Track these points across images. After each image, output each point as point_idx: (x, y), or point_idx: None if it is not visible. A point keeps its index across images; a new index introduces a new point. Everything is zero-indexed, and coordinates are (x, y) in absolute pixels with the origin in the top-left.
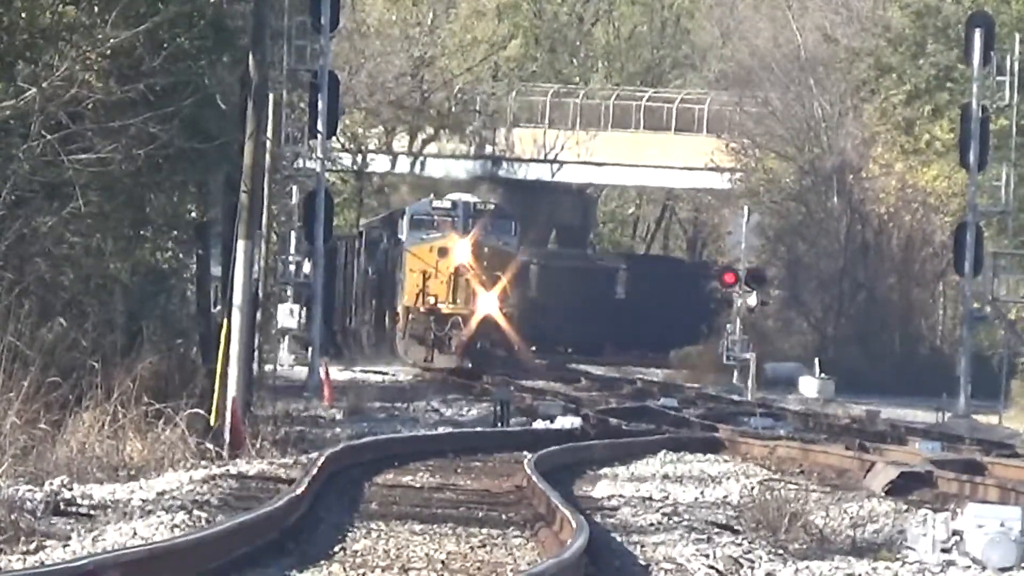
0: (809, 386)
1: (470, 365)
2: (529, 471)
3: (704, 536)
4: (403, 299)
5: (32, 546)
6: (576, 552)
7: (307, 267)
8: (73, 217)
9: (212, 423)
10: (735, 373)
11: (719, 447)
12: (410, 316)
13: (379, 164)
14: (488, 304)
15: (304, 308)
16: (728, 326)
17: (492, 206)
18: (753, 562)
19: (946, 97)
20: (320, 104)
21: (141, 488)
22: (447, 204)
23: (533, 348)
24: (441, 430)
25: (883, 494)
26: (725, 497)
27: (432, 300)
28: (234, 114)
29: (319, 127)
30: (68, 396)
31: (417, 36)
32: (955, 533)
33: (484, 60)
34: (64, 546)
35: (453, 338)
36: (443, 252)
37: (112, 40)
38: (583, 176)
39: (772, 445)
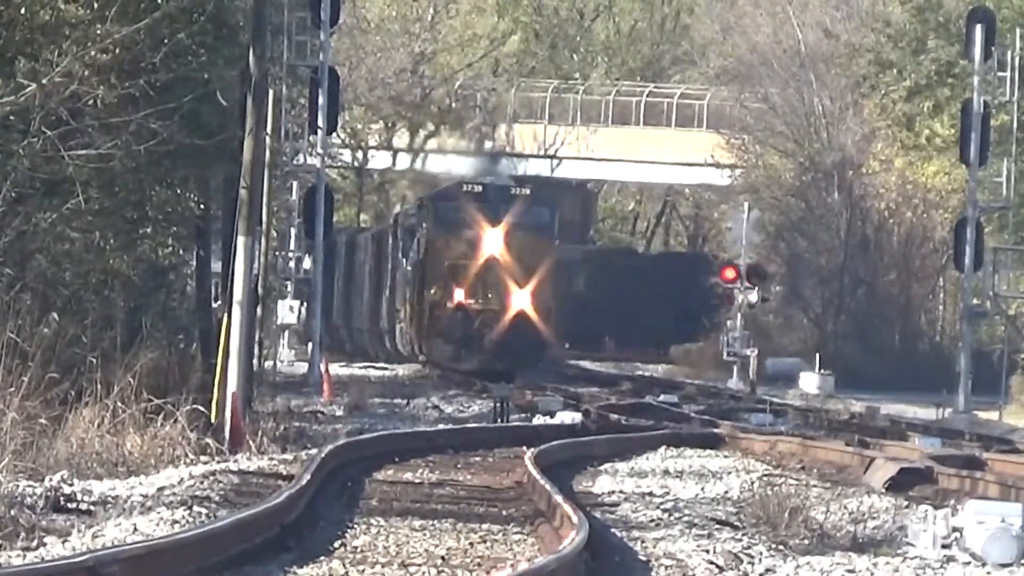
0: (809, 382)
1: (501, 367)
2: (529, 467)
3: (704, 532)
4: (428, 293)
5: (32, 542)
6: (576, 548)
7: (307, 263)
8: (73, 213)
9: (212, 419)
10: (735, 369)
11: (719, 443)
12: (436, 312)
13: (379, 160)
14: (522, 300)
15: (304, 304)
16: (728, 322)
17: (527, 192)
18: (753, 558)
19: (947, 93)
20: (320, 100)
21: (141, 484)
22: (477, 189)
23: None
24: (441, 426)
25: (883, 490)
26: (725, 493)
27: (460, 295)
28: (234, 110)
29: (319, 123)
30: (68, 392)
31: (417, 32)
32: (955, 529)
33: (484, 56)
34: (64, 542)
35: (483, 337)
36: (472, 241)
37: (112, 36)
38: (583, 172)
39: (772, 441)
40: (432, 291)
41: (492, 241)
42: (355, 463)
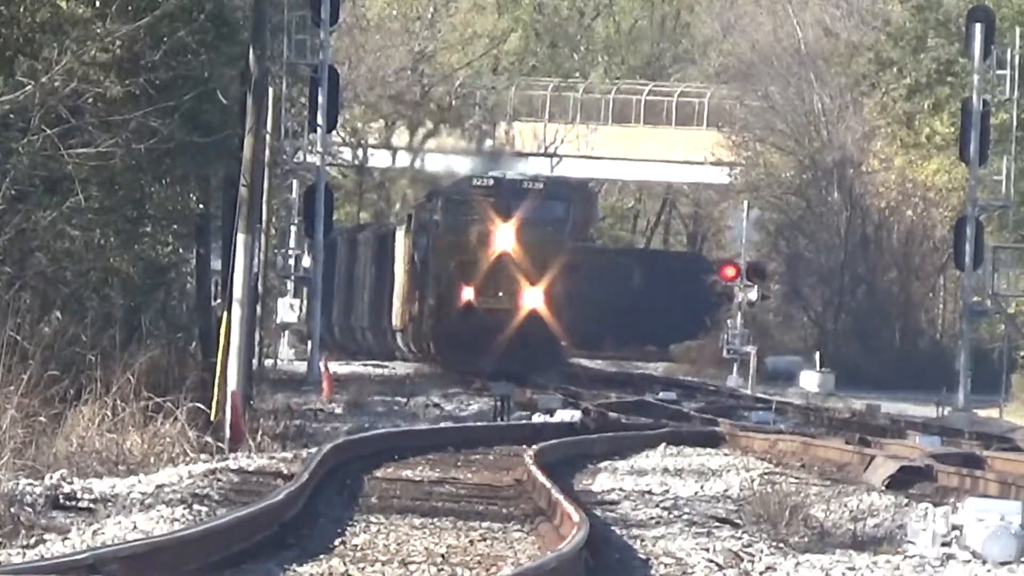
0: (809, 380)
1: (513, 367)
2: (529, 464)
3: (704, 530)
4: (437, 291)
5: (32, 540)
6: (576, 546)
7: (307, 261)
8: (73, 211)
9: (212, 417)
10: (735, 367)
11: (719, 441)
12: (444, 310)
13: (379, 158)
14: (533, 299)
15: (304, 302)
16: (729, 320)
17: (540, 185)
18: (753, 556)
19: (946, 91)
20: (320, 98)
21: (141, 482)
22: (488, 182)
23: None
24: (442, 424)
25: (883, 488)
26: (725, 491)
27: (469, 293)
28: (234, 108)
29: (319, 121)
30: (68, 390)
31: (417, 30)
32: (955, 527)
33: (484, 54)
34: (64, 540)
35: (493, 336)
36: (483, 238)
37: (112, 34)
38: (583, 170)
39: (772, 439)
40: (441, 289)
41: (503, 237)
42: (355, 461)
